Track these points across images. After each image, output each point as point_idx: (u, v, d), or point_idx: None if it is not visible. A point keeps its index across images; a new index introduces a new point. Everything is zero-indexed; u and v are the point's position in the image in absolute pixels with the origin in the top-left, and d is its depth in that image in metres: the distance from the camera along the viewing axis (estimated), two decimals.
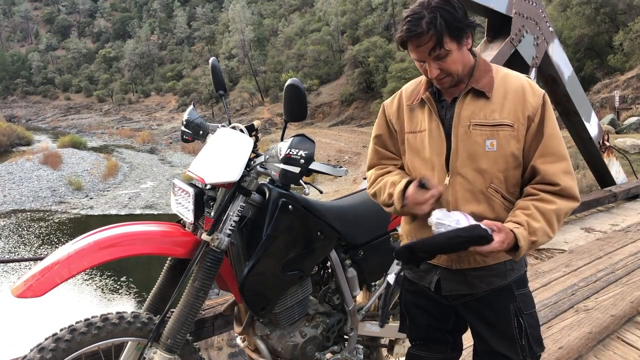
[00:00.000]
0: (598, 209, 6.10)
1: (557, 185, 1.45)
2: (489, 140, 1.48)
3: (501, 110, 1.48)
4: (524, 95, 1.48)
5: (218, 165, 1.69)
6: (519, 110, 1.47)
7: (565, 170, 1.47)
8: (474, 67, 1.52)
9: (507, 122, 1.47)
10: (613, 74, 25.56)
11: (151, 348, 1.69)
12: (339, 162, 28.87)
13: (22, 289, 1.47)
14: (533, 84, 1.52)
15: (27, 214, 22.54)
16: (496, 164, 1.48)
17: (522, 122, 1.47)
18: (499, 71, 1.55)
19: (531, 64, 5.17)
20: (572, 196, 1.47)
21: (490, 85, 1.50)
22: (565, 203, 1.46)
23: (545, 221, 1.43)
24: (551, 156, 1.46)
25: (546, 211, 1.43)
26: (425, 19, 1.38)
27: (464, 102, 1.51)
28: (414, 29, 1.39)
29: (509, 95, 1.49)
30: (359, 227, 2.10)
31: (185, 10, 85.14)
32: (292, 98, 1.67)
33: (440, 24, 1.38)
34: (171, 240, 1.71)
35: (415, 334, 1.80)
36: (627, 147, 14.26)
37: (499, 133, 1.47)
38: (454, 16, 1.40)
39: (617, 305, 3.12)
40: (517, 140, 1.47)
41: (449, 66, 1.45)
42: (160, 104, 67.14)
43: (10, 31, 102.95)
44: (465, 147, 1.50)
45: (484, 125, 1.48)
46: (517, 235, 1.40)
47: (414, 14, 1.41)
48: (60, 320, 1.81)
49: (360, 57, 42.73)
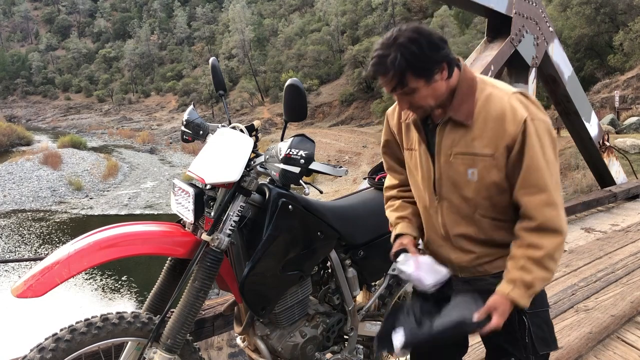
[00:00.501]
0: (598, 209, 6.10)
1: (535, 220, 1.40)
2: (470, 170, 1.45)
3: (481, 138, 1.43)
4: (503, 123, 1.40)
5: (218, 165, 1.69)
6: (499, 139, 1.41)
7: (546, 202, 1.40)
8: (455, 91, 1.45)
9: (486, 152, 1.42)
10: (613, 74, 25.57)
11: (151, 348, 1.69)
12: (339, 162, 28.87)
13: (22, 289, 1.47)
14: (516, 107, 1.40)
15: (27, 214, 22.55)
16: (479, 192, 1.47)
17: (502, 152, 1.41)
18: (484, 90, 1.46)
19: (531, 64, 5.17)
20: (553, 229, 1.40)
21: (469, 112, 1.44)
22: (550, 241, 1.40)
23: (539, 268, 1.41)
24: (530, 188, 1.40)
25: (536, 259, 1.40)
26: (390, 58, 1.35)
27: (444, 131, 1.49)
28: (377, 68, 1.38)
29: (489, 123, 1.42)
30: (359, 227, 2.10)
31: (185, 10, 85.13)
32: (292, 98, 1.67)
33: (401, 65, 1.33)
34: (171, 240, 1.71)
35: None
36: (627, 147, 14.27)
37: (479, 163, 1.44)
38: (418, 56, 1.34)
39: (617, 305, 3.13)
40: (498, 169, 1.43)
41: (418, 101, 1.42)
42: (160, 104, 67.14)
43: (10, 31, 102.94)
44: (448, 175, 1.50)
45: (465, 154, 1.45)
46: (514, 299, 1.42)
47: (380, 51, 1.38)
48: (60, 320, 1.81)
49: (360, 57, 42.72)
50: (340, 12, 53.65)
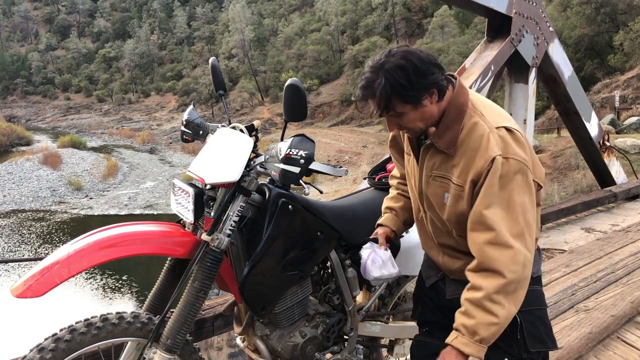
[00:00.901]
0: (598, 209, 6.10)
1: (476, 259, 1.40)
2: (446, 194, 1.48)
3: (458, 167, 1.43)
4: (475, 156, 1.38)
5: (218, 165, 1.69)
6: (468, 173, 1.40)
7: (488, 242, 1.37)
8: (444, 115, 1.44)
9: (458, 182, 1.43)
10: (613, 74, 25.58)
11: (151, 348, 1.69)
12: (339, 162, 28.88)
13: (21, 289, 1.47)
14: (492, 142, 1.37)
15: (27, 214, 22.55)
16: (452, 216, 1.49)
17: (469, 185, 1.41)
18: (472, 117, 1.43)
19: (531, 64, 5.17)
20: (493, 270, 1.36)
21: (452, 141, 1.43)
22: (489, 282, 1.37)
23: (480, 312, 1.38)
24: (475, 225, 1.40)
25: (476, 301, 1.38)
26: (376, 82, 1.34)
27: (427, 153, 1.51)
28: (365, 92, 1.38)
29: (467, 152, 1.41)
30: (359, 227, 2.09)
31: (185, 10, 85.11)
32: (292, 98, 1.67)
33: (386, 91, 1.33)
34: (171, 240, 1.71)
35: (422, 318, 1.84)
36: (627, 147, 14.28)
37: (452, 190, 1.46)
38: (404, 84, 1.32)
39: (617, 305, 3.12)
40: (466, 201, 1.43)
41: (407, 124, 1.43)
42: (160, 104, 67.15)
43: (10, 31, 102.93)
44: (428, 194, 1.55)
45: (443, 177, 1.48)
46: (458, 348, 1.41)
47: (368, 75, 1.37)
48: (60, 320, 1.81)
49: (360, 57, 42.77)
50: (340, 12, 53.69)
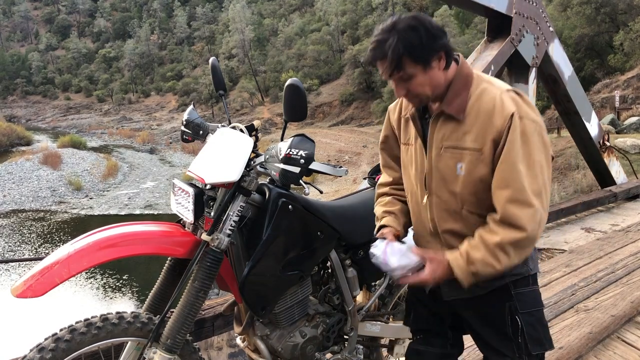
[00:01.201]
0: (598, 209, 6.10)
1: (498, 213, 1.41)
2: (459, 164, 1.46)
3: (471, 133, 1.44)
4: (492, 116, 1.41)
5: (218, 165, 1.69)
6: (486, 134, 1.42)
7: (512, 199, 1.39)
8: (451, 84, 1.47)
9: (474, 146, 1.43)
10: (613, 74, 25.56)
11: (151, 348, 1.69)
12: (339, 162, 28.88)
13: (21, 289, 1.47)
14: (505, 101, 1.41)
15: (27, 214, 22.55)
16: (466, 187, 1.48)
17: (489, 147, 1.42)
18: (479, 85, 1.47)
19: (531, 63, 5.17)
20: (514, 225, 1.39)
21: (461, 106, 1.45)
22: (507, 233, 1.40)
23: (488, 252, 1.41)
24: (501, 182, 1.41)
25: (488, 242, 1.42)
26: (388, 42, 1.38)
27: (436, 124, 1.51)
28: (376, 52, 1.41)
29: (480, 116, 1.43)
30: (359, 227, 2.09)
31: (185, 10, 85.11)
32: (292, 98, 1.67)
33: (399, 49, 1.36)
34: (171, 240, 1.71)
35: (416, 325, 1.83)
36: (628, 147, 14.28)
37: (467, 157, 1.45)
38: (416, 43, 1.36)
39: (617, 305, 3.12)
40: (486, 164, 1.43)
41: (415, 88, 1.44)
42: (160, 104, 67.15)
43: (10, 31, 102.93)
44: (438, 169, 1.52)
45: (454, 148, 1.47)
46: (451, 264, 1.45)
47: (379, 36, 1.41)
48: (60, 320, 1.81)
49: (361, 57, 42.70)
50: (340, 12, 53.66)
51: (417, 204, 1.64)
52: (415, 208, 1.66)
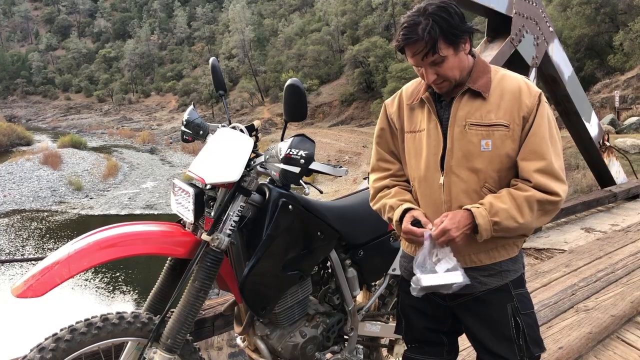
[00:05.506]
0: (598, 209, 6.10)
1: (530, 182, 1.46)
2: (484, 140, 1.49)
3: (497, 110, 1.49)
4: (520, 96, 1.49)
5: (218, 165, 1.69)
6: (514, 111, 1.48)
7: (541, 169, 1.45)
8: (472, 68, 1.53)
9: (502, 122, 1.48)
10: (613, 74, 25.54)
11: (151, 348, 1.69)
12: (339, 162, 28.87)
13: (22, 289, 1.47)
14: (530, 84, 1.53)
15: (27, 214, 22.54)
16: (491, 163, 1.50)
17: (518, 123, 1.48)
18: (498, 72, 1.57)
19: (531, 64, 5.17)
20: (547, 192, 1.45)
21: (487, 85, 1.52)
22: (538, 193, 1.44)
23: (514, 205, 1.44)
24: (530, 154, 1.47)
25: (517, 195, 1.45)
26: (421, 26, 1.41)
27: (460, 102, 1.53)
28: (410, 35, 1.42)
29: (506, 95, 1.50)
30: (359, 227, 2.10)
31: (185, 10, 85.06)
32: (292, 98, 1.67)
33: (434, 31, 1.40)
34: (171, 240, 1.71)
35: (410, 335, 1.79)
36: (627, 147, 14.26)
37: (494, 133, 1.48)
38: (450, 22, 1.42)
39: (617, 305, 3.12)
40: (513, 140, 1.49)
41: (446, 72, 1.47)
42: (160, 104, 67.12)
43: (10, 31, 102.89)
44: (461, 146, 1.52)
45: (479, 125, 1.50)
46: (474, 214, 1.44)
47: (410, 20, 1.43)
48: (60, 320, 1.81)
49: (360, 57, 42.71)
50: (340, 12, 53.61)
51: (429, 187, 1.57)
52: (427, 192, 1.58)
